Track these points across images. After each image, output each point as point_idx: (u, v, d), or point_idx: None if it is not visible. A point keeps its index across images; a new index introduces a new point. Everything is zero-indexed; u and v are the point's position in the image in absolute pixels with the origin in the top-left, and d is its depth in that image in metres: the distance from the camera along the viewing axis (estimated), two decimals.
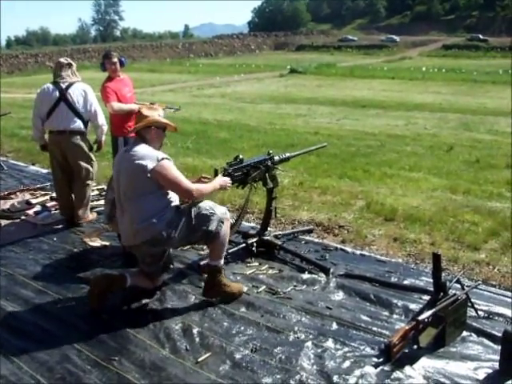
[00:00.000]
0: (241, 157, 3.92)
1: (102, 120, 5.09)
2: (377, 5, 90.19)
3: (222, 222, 3.40)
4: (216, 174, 3.73)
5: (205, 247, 4.03)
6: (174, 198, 3.36)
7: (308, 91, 24.03)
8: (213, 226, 3.36)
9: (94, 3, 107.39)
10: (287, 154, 4.45)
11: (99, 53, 47.29)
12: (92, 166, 5.07)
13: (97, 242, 4.50)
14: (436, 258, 3.15)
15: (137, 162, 3.19)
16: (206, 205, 3.42)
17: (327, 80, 30.37)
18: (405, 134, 12.16)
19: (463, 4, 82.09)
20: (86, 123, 4.99)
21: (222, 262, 3.52)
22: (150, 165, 3.18)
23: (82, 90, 4.96)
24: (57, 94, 4.86)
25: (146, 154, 3.23)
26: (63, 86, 4.88)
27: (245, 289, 3.69)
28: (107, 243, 4.51)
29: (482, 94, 23.02)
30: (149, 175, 3.18)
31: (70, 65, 4.98)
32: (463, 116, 15.77)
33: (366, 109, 17.72)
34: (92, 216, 5.14)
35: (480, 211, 5.68)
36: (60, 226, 5.05)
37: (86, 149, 5.00)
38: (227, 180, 3.69)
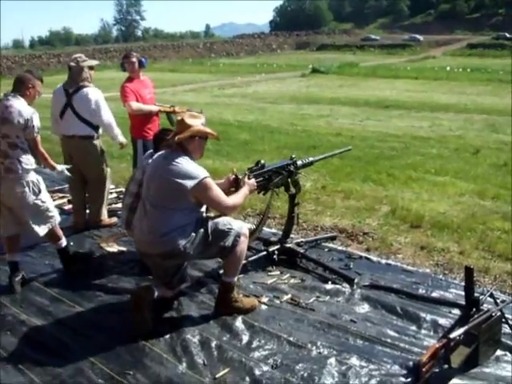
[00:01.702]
0: (262, 162, 3.77)
1: (111, 128, 4.87)
2: (400, 3, 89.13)
3: (239, 237, 3.26)
4: (237, 181, 3.58)
5: None
6: (199, 214, 3.21)
7: (330, 91, 23.77)
8: (229, 242, 3.23)
9: (116, 3, 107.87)
10: (310, 159, 4.28)
11: (121, 53, 47.55)
12: (103, 170, 4.93)
13: (114, 248, 4.41)
14: (468, 272, 2.97)
15: (178, 179, 3.04)
16: (223, 220, 3.28)
17: (349, 80, 30.04)
18: (429, 136, 11.88)
19: (489, 2, 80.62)
20: (96, 127, 4.80)
21: (236, 278, 3.39)
22: (191, 184, 3.04)
23: (88, 96, 4.67)
24: (64, 99, 4.72)
25: (188, 172, 3.07)
26: (70, 90, 4.70)
27: (265, 299, 3.56)
28: (124, 249, 4.41)
29: (507, 95, 22.43)
30: (188, 194, 3.07)
31: (79, 67, 4.70)
32: (489, 117, 15.39)
33: (389, 109, 17.42)
34: (110, 220, 5.05)
35: (510, 218, 5.45)
36: (78, 231, 4.96)
37: (95, 153, 4.84)
38: (254, 183, 3.57)
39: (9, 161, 3.67)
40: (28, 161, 3.73)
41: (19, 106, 3.69)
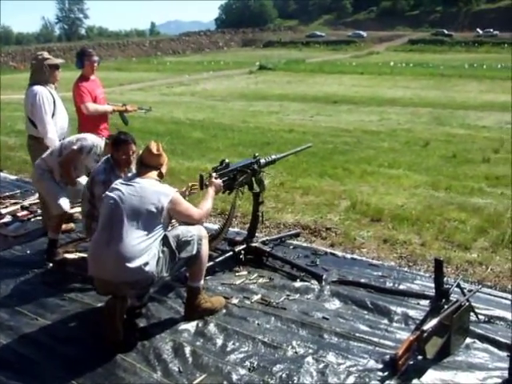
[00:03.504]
0: (227, 161, 3.72)
1: (44, 132, 4.55)
2: (343, 0, 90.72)
3: (201, 240, 3.19)
4: (202, 180, 3.52)
5: None
6: (162, 234, 3.07)
7: (278, 88, 23.95)
8: (194, 250, 3.15)
9: (57, 1, 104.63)
10: (273, 157, 4.26)
11: (64, 52, 46.37)
12: None
13: (74, 254, 4.23)
14: (438, 264, 3.02)
15: (153, 199, 2.99)
16: (181, 229, 3.16)
17: (297, 76, 30.37)
18: (380, 130, 12.15)
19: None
20: None
21: (203, 281, 3.31)
22: (166, 201, 3.01)
23: (29, 94, 4.54)
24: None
25: (160, 191, 3.05)
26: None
27: (235, 300, 3.50)
28: (85, 255, 4.22)
29: (449, 88, 23.36)
30: (163, 213, 3.00)
31: (38, 65, 4.57)
32: (434, 110, 15.91)
33: (337, 104, 17.72)
34: (66, 226, 4.81)
35: (465, 208, 5.62)
36: (34, 238, 4.73)
37: (39, 155, 4.51)
38: (220, 183, 3.53)
39: None
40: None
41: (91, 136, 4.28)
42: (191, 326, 3.18)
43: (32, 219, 5.21)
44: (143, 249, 2.91)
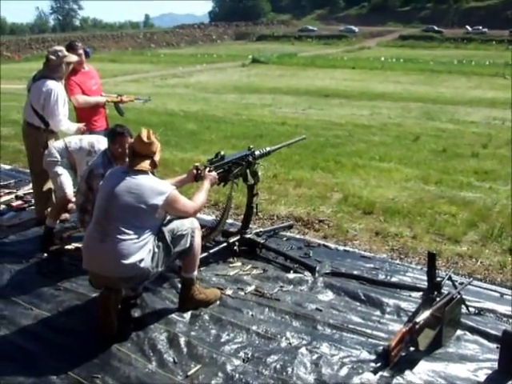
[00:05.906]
0: (222, 153, 3.74)
1: (57, 125, 4.56)
2: None
3: (194, 232, 3.19)
4: (197, 173, 3.53)
5: None
6: (158, 229, 3.06)
7: (271, 81, 23.93)
8: (188, 243, 3.15)
9: None
10: (268, 149, 4.27)
11: (59, 42, 45.84)
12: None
13: (69, 245, 4.22)
14: (431, 257, 3.06)
15: (147, 197, 2.93)
16: (175, 223, 3.14)
17: (289, 70, 30.35)
18: (371, 124, 12.20)
19: None
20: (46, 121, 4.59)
21: (196, 272, 3.32)
22: (161, 200, 2.96)
23: (42, 88, 4.45)
24: (28, 85, 4.67)
25: (156, 188, 2.98)
26: (35, 78, 4.58)
27: (229, 291, 3.52)
28: (80, 245, 4.22)
29: (439, 84, 23.47)
30: (158, 211, 2.97)
31: (59, 61, 4.50)
32: (424, 105, 15.99)
33: (329, 98, 17.75)
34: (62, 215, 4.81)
35: (455, 202, 5.68)
36: (28, 227, 4.71)
37: (40, 146, 4.56)
38: (215, 175, 3.54)
39: None
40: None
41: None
42: (186, 317, 3.19)
43: (27, 209, 5.20)
44: (138, 245, 2.90)
